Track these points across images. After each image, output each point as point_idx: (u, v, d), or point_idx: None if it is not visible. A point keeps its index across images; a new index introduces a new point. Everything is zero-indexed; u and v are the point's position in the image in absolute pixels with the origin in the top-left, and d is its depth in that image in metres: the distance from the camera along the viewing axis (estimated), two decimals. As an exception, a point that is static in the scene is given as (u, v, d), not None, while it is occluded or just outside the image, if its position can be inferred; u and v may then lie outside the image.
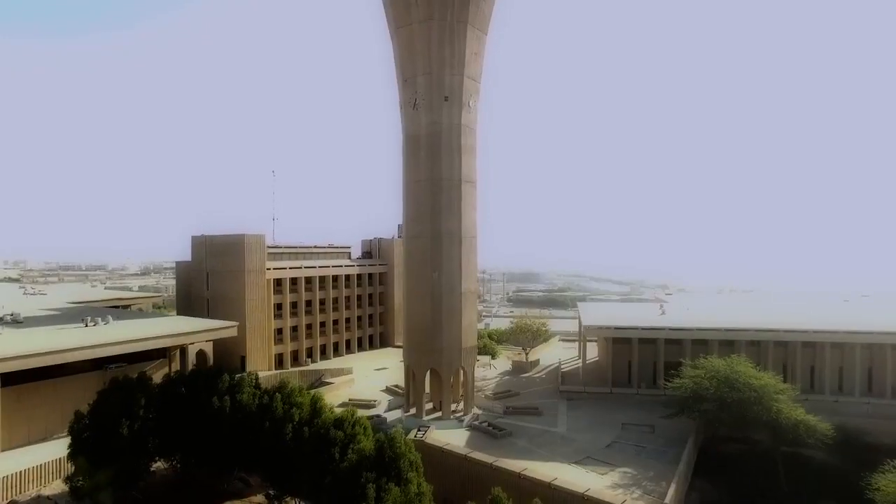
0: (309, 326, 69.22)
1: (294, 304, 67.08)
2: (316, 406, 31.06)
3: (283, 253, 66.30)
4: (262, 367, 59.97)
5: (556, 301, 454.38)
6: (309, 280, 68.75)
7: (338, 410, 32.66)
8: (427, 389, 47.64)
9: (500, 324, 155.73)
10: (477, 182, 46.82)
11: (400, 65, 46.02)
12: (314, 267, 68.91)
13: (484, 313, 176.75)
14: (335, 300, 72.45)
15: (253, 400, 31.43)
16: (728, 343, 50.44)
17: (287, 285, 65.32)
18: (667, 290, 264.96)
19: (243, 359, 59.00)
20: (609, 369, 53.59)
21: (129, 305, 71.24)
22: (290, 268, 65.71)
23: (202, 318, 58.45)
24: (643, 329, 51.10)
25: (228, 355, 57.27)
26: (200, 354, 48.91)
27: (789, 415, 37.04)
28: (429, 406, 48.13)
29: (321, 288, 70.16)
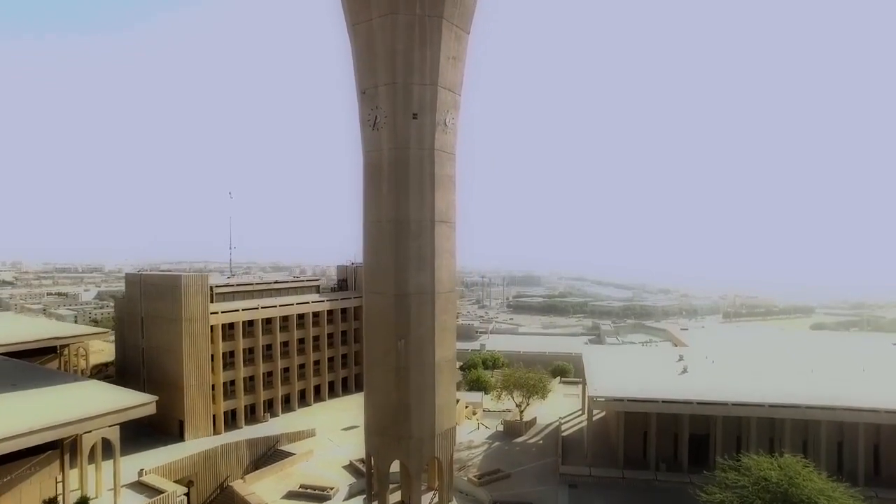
0: (269, 374, 59.29)
1: (250, 350, 57.20)
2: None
3: (235, 293, 56.32)
4: (203, 432, 50.09)
5: (556, 307, 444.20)
6: (269, 321, 58.82)
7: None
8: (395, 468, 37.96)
9: (499, 344, 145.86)
10: (456, 222, 36.89)
11: (357, 72, 36.02)
12: (274, 306, 58.91)
13: (479, 329, 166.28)
14: (301, 341, 62.52)
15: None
16: (768, 419, 40.60)
17: (241, 329, 55.37)
18: (679, 320, 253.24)
19: (181, 423, 49.10)
20: (620, 445, 43.61)
21: (67, 346, 61.49)
22: (245, 309, 55.70)
23: (138, 372, 48.95)
24: (664, 402, 40.95)
25: (164, 420, 47.57)
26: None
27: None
28: (397, 500, 38.43)
29: (284, 329, 60.26)
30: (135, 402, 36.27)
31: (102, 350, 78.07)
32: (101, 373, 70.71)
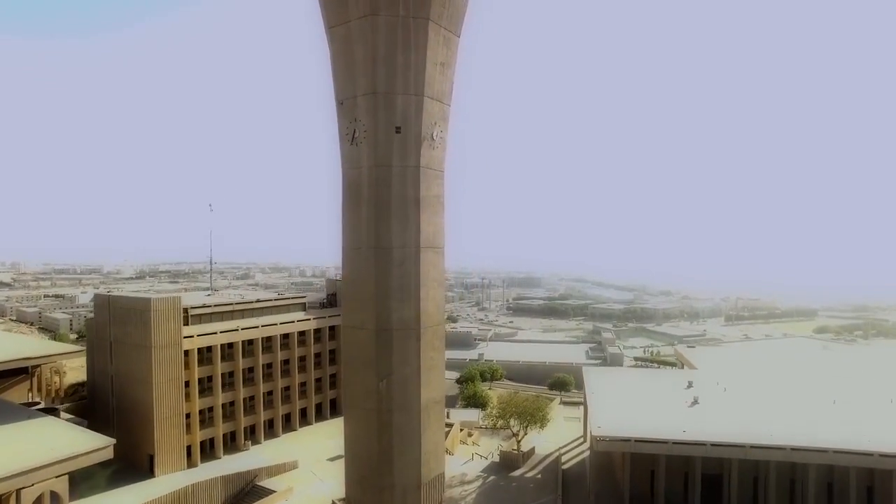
0: (251, 399, 55.66)
1: (230, 374, 53.60)
2: None
3: (213, 314, 52.61)
4: (176, 466, 46.41)
5: (556, 310, 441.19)
6: (250, 342, 55.17)
7: None
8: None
9: (498, 352, 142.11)
10: (444, 247, 33.19)
11: (335, 81, 32.27)
12: (256, 327, 55.24)
13: (477, 337, 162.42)
14: (286, 362, 58.90)
15: None
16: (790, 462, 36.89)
17: (219, 353, 51.73)
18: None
19: (151, 458, 45.41)
20: (626, 484, 39.97)
21: (38, 367, 57.85)
22: (224, 331, 52.01)
23: (107, 400, 45.21)
24: (674, 444, 37.21)
25: (133, 454, 43.98)
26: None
27: None
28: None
29: (267, 350, 56.65)
30: (88, 446, 32.65)
31: (83, 366, 74.49)
32: (76, 393, 67.09)
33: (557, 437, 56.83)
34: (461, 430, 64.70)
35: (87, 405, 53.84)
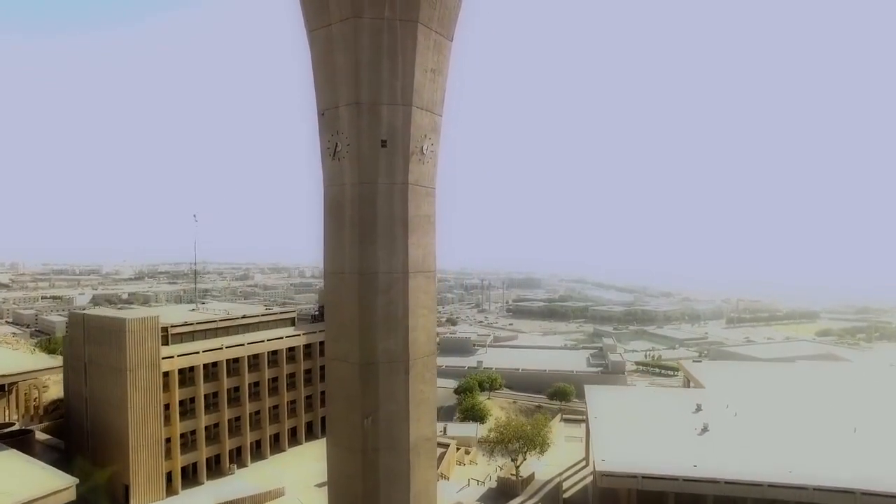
0: (237, 419, 53.11)
1: (214, 395, 51.02)
2: None
3: (195, 332, 49.95)
4: (154, 496, 43.77)
5: (556, 312, 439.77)
6: (236, 360, 52.58)
7: None
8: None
9: (497, 359, 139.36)
10: (435, 270, 30.50)
11: (316, 90, 29.59)
12: (242, 344, 52.59)
13: (476, 343, 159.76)
14: (274, 380, 56.32)
15: None
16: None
17: (201, 373, 49.09)
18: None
19: (127, 489, 42.74)
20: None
21: (16, 383, 55.22)
22: (207, 350, 49.38)
23: (82, 425, 42.39)
24: (685, 480, 34.50)
25: (108, 484, 41.30)
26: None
27: None
28: None
29: (254, 368, 54.07)
30: (45, 489, 29.88)
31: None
32: (56, 410, 64.46)
33: (558, 459, 54.19)
34: (458, 448, 61.99)
35: (63, 427, 51.21)
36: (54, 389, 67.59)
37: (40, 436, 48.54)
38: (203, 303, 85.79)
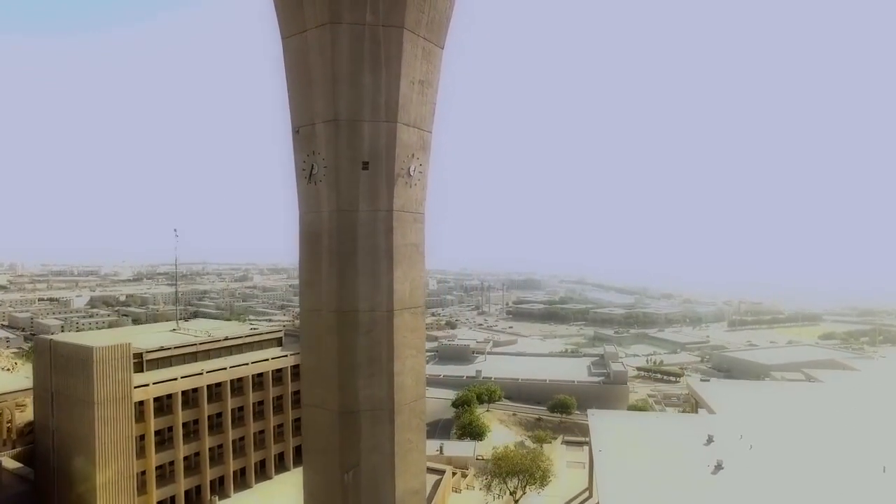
0: (220, 447, 50.03)
1: (195, 422, 47.90)
2: None
3: (174, 356, 46.89)
4: (125, 535, 40.67)
5: (557, 315, 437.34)
6: (218, 385, 49.49)
7: None
8: None
9: (497, 368, 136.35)
10: (424, 306, 27.40)
11: (291, 104, 26.48)
12: (224, 368, 49.53)
13: (475, 350, 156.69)
14: (259, 404, 53.27)
15: None
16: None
17: (179, 400, 45.99)
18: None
19: (94, 528, 39.67)
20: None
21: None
22: (186, 376, 46.32)
23: (48, 458, 39.24)
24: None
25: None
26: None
27: None
28: None
29: (237, 392, 50.98)
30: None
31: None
32: (31, 433, 61.43)
33: (560, 489, 51.06)
34: (454, 473, 58.85)
35: (32, 454, 48.22)
36: (31, 411, 64.64)
37: (9, 463, 45.55)
38: (186, 319, 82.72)
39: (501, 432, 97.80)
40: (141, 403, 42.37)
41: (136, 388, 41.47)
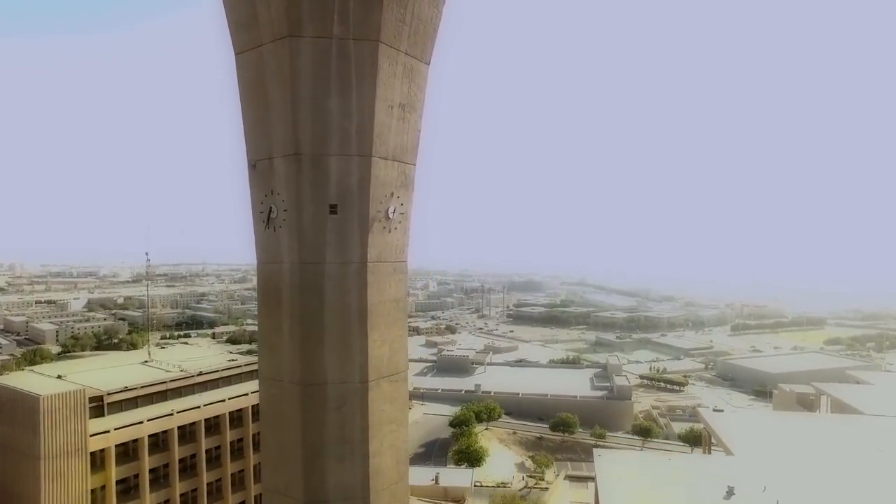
0: (193, 492, 45.99)
1: (165, 466, 43.82)
2: None
3: (140, 396, 42.75)
4: None
5: (558, 318, 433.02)
6: (192, 425, 45.43)
7: None
8: None
9: (497, 381, 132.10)
10: (408, 372, 23.22)
11: (245, 133, 22.29)
12: (198, 406, 45.48)
13: (475, 361, 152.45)
14: (238, 441, 49.11)
15: None
16: None
17: (146, 444, 41.95)
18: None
19: None
20: None
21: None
22: (152, 419, 42.21)
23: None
24: None
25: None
26: None
27: None
28: None
29: (212, 432, 46.92)
30: None
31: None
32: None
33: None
34: (450, 508, 54.78)
35: (-12, 502, 43.96)
36: None
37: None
38: (163, 347, 78.67)
39: (501, 454, 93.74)
40: (102, 451, 38.38)
41: (93, 436, 37.55)
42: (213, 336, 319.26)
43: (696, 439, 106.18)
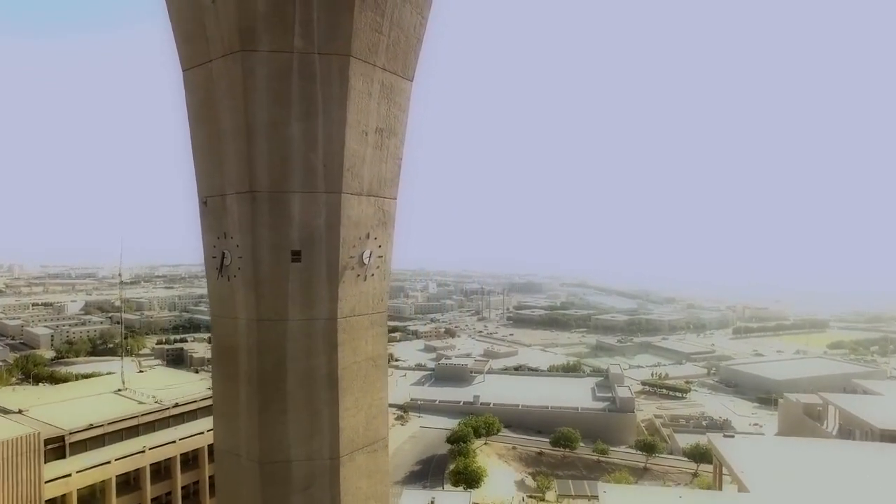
0: (167, 530, 42.74)
1: None
2: None
3: (108, 434, 39.56)
4: None
5: (558, 321, 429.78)
6: (168, 460, 42.24)
7: None
8: None
9: (496, 392, 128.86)
10: (387, 437, 19.98)
11: (195, 164, 19.08)
12: (173, 441, 42.24)
13: (473, 370, 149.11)
14: (218, 474, 46.07)
15: None
16: None
17: (113, 486, 38.77)
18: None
19: None
20: None
21: None
22: (120, 458, 39.04)
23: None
24: None
25: None
26: None
27: None
28: None
29: (190, 466, 43.68)
30: None
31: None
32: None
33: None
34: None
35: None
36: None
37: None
38: (141, 371, 75.39)
39: (500, 470, 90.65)
40: (63, 497, 35.36)
41: (50, 482, 34.47)
42: (209, 340, 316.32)
43: (702, 456, 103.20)
